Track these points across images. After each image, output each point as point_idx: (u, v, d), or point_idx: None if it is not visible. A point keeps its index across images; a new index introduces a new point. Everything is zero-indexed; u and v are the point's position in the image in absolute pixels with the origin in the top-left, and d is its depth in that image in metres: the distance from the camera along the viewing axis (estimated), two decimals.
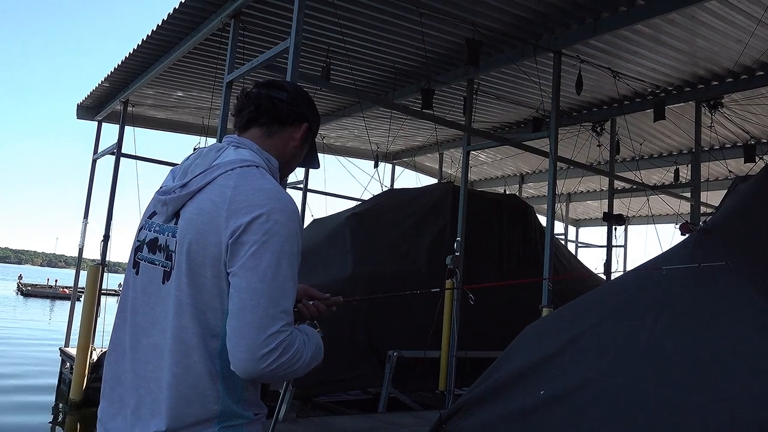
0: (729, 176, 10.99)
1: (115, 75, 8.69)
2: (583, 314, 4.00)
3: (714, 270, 3.57)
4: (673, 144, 10.72)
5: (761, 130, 9.53)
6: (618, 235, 12.72)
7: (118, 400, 1.47)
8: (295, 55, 4.98)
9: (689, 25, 6.51)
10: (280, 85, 1.68)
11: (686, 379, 3.25)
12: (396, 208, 9.07)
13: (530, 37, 6.84)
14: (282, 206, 1.42)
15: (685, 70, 7.72)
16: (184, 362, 1.38)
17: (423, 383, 7.56)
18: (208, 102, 9.33)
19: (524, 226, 9.55)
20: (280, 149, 1.63)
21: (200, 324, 1.39)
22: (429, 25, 6.66)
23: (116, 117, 10.08)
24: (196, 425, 1.37)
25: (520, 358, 3.88)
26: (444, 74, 8.15)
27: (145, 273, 1.51)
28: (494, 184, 14.80)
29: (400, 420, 6.13)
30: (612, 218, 9.41)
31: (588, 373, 3.57)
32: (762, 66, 7.36)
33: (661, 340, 3.51)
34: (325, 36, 7.16)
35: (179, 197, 1.47)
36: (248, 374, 1.35)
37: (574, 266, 10.24)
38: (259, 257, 1.35)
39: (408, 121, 10.45)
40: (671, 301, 3.60)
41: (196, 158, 1.56)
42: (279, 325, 1.34)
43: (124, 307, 1.55)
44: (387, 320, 7.42)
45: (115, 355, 1.53)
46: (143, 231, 1.57)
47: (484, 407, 3.77)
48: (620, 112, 9.01)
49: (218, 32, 6.72)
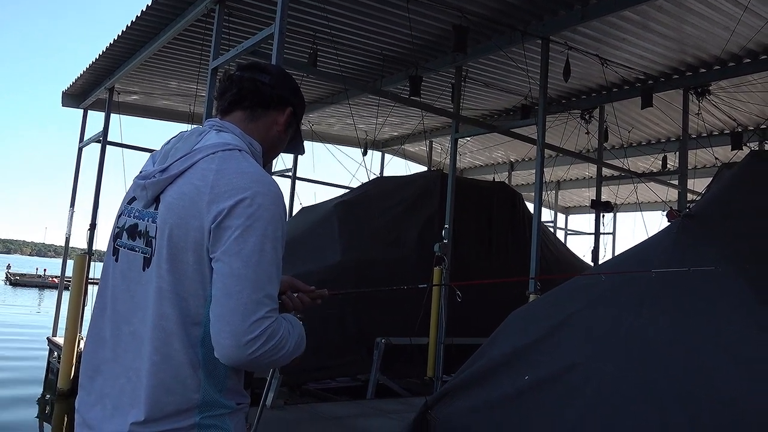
0: (716, 164, 11.05)
1: (100, 62, 8.58)
2: (568, 300, 4.01)
3: (698, 258, 3.59)
4: (661, 131, 10.75)
5: (748, 118, 9.57)
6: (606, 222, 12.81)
7: (97, 390, 1.45)
8: (280, 40, 4.94)
9: (677, 12, 6.50)
10: (264, 67, 1.64)
11: (669, 365, 3.28)
12: (384, 195, 9.06)
13: (518, 23, 6.81)
14: (266, 190, 1.39)
15: (673, 57, 7.72)
16: (164, 350, 1.35)
17: (411, 370, 7.60)
18: (194, 89, 9.25)
19: (512, 214, 9.58)
20: (263, 133, 1.60)
21: (181, 311, 1.36)
22: (416, 11, 6.62)
23: (102, 105, 9.97)
24: (176, 415, 1.35)
25: (505, 344, 3.89)
26: (432, 61, 8.11)
27: (125, 260, 1.48)
28: (483, 172, 14.81)
29: (388, 406, 6.15)
30: (600, 205, 9.45)
31: (573, 359, 3.58)
32: (749, 53, 7.38)
33: (646, 326, 3.53)
34: (312, 22, 7.09)
35: (159, 182, 1.44)
36: (232, 361, 1.33)
37: (562, 254, 10.29)
38: (242, 242, 1.33)
39: (396, 108, 10.41)
40: (655, 289, 3.62)
41: (176, 142, 1.53)
42: (264, 311, 1.32)
43: (103, 295, 1.52)
44: (375, 307, 7.44)
45: (94, 344, 1.50)
46: (122, 217, 1.54)
47: (469, 393, 3.78)
48: (608, 99, 9.02)
49: (203, 18, 6.65)
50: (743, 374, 2.99)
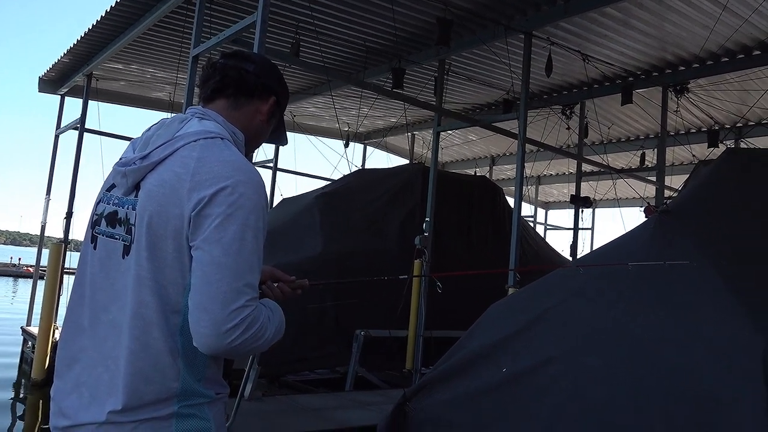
0: (693, 161, 11.23)
1: (78, 47, 8.43)
2: (547, 294, 4.05)
3: (674, 253, 3.64)
4: (640, 128, 10.87)
5: (725, 116, 9.71)
6: (585, 217, 12.94)
7: (73, 379, 1.43)
8: (262, 29, 4.89)
9: (658, 10, 6.56)
10: (248, 56, 1.64)
11: (646, 358, 3.33)
12: (366, 188, 9.05)
13: (502, 18, 6.82)
14: (247, 178, 1.39)
15: (653, 55, 7.80)
16: (143, 339, 1.35)
17: (391, 362, 7.63)
18: (174, 76, 9.13)
19: (493, 207, 9.63)
20: (246, 122, 1.59)
21: (161, 299, 1.35)
22: (400, 3, 6.60)
23: (80, 91, 9.80)
24: (155, 404, 1.34)
25: (483, 337, 3.92)
26: (415, 54, 8.10)
27: (104, 248, 1.46)
28: (465, 166, 14.86)
29: (367, 398, 6.17)
30: (579, 201, 9.54)
31: (550, 352, 3.62)
32: (727, 52, 7.48)
33: (623, 320, 3.58)
34: (295, 11, 7.03)
35: (140, 169, 1.42)
36: (212, 350, 1.32)
37: (542, 248, 10.38)
38: (223, 230, 1.32)
39: (379, 100, 10.38)
40: (630, 282, 3.67)
41: (158, 129, 1.51)
42: (243, 300, 1.31)
43: (81, 283, 1.50)
44: (355, 299, 7.44)
45: (71, 332, 1.48)
46: (101, 204, 1.52)
47: (448, 385, 3.81)
48: (589, 95, 9.09)
49: (184, 5, 6.56)
50: (719, 367, 3.05)
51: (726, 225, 4.01)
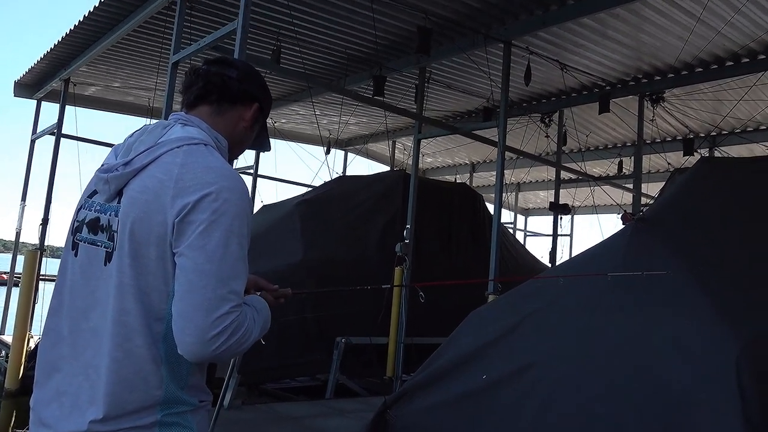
0: (669, 168, 11.41)
1: (55, 52, 8.33)
2: (526, 301, 4.09)
3: (650, 261, 3.70)
4: (618, 136, 11.04)
5: (699, 125, 9.90)
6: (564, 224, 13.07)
7: (53, 388, 1.41)
8: (243, 37, 4.89)
9: (634, 21, 6.68)
10: (231, 62, 1.63)
11: (623, 366, 3.37)
12: (347, 195, 9.06)
13: (481, 27, 6.90)
14: (231, 185, 1.38)
15: (630, 65, 7.94)
16: (126, 346, 1.33)
17: (372, 369, 7.62)
18: (153, 83, 9.06)
19: (473, 214, 9.71)
20: (229, 129, 1.59)
21: (144, 306, 1.34)
22: (381, 11, 6.63)
23: (56, 96, 9.68)
24: (138, 412, 1.33)
25: (463, 344, 3.94)
26: (396, 61, 8.15)
27: (85, 254, 1.45)
28: (446, 173, 14.94)
29: (347, 406, 6.16)
30: (558, 208, 9.64)
31: (529, 359, 3.66)
32: (701, 63, 7.64)
33: (600, 327, 3.63)
34: (276, 18, 7.04)
35: (122, 175, 1.41)
36: (196, 357, 1.31)
37: (521, 255, 10.46)
38: (207, 237, 1.31)
39: (360, 107, 10.41)
40: (608, 289, 3.72)
41: (140, 135, 1.50)
42: (228, 307, 1.30)
43: (61, 290, 1.48)
44: (336, 307, 7.43)
45: (51, 340, 1.46)
46: (83, 211, 1.50)
47: (428, 392, 3.82)
48: (567, 104, 9.22)
49: (164, 11, 6.53)
50: (694, 373, 3.10)
51: (700, 232, 4.10)
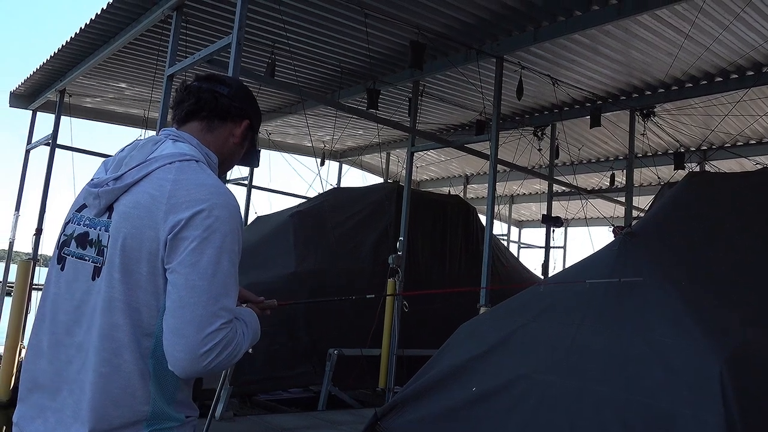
0: (660, 182, 11.51)
1: (51, 63, 8.37)
2: (516, 314, 4.13)
3: (635, 273, 3.76)
4: (609, 150, 11.13)
5: (690, 139, 10.01)
6: (557, 236, 13.14)
7: (36, 404, 1.40)
8: (238, 50, 4.94)
9: (624, 37, 6.79)
10: (222, 79, 1.64)
11: (609, 376, 3.41)
12: (340, 206, 9.09)
13: (474, 42, 6.99)
14: (224, 202, 1.39)
15: (621, 80, 8.04)
16: (114, 361, 1.33)
17: (364, 381, 7.62)
18: (149, 94, 9.11)
19: (466, 226, 9.75)
20: (219, 145, 1.59)
21: (133, 321, 1.34)
22: (374, 26, 6.71)
23: (52, 106, 9.71)
24: (124, 428, 1.32)
25: (453, 356, 3.98)
26: (390, 75, 8.22)
27: (72, 269, 1.44)
28: (439, 185, 15.00)
29: (339, 418, 6.16)
30: (550, 220, 9.70)
31: (518, 370, 3.70)
32: (691, 78, 7.75)
33: (586, 338, 3.67)
34: (270, 32, 7.11)
35: (113, 190, 1.41)
36: (186, 373, 1.32)
37: (514, 266, 10.50)
38: (199, 253, 1.32)
39: (354, 120, 10.48)
40: (596, 302, 3.77)
41: (131, 150, 1.50)
42: (219, 323, 1.31)
43: (44, 304, 1.47)
44: (328, 319, 7.44)
45: (33, 355, 1.46)
46: (71, 225, 1.50)
47: (418, 404, 3.85)
48: (559, 118, 9.31)
49: (160, 24, 6.58)
50: (679, 385, 3.15)
51: (686, 246, 4.16)
